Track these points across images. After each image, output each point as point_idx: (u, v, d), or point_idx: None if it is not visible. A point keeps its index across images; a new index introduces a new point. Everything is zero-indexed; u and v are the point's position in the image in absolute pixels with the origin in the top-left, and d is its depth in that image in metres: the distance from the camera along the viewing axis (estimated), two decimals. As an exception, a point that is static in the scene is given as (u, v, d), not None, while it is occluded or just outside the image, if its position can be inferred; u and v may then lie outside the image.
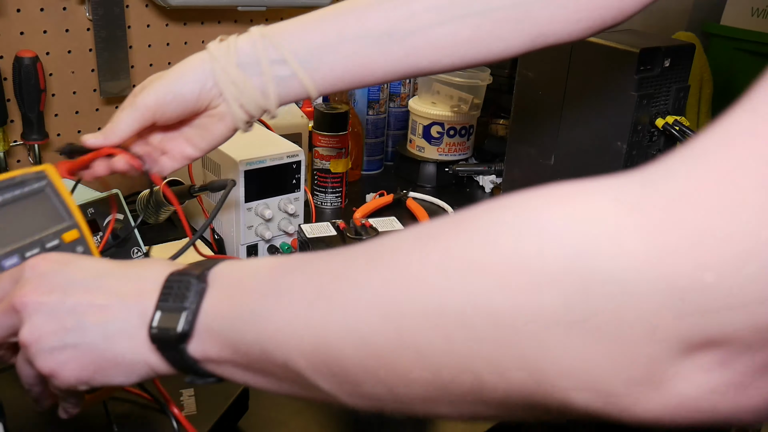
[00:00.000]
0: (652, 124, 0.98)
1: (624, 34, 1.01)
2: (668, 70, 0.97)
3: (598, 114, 1.01)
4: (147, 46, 1.14)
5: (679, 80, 0.99)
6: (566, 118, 1.05)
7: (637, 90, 0.95)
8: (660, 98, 0.98)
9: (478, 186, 1.35)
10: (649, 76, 0.96)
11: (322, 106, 1.14)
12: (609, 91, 0.99)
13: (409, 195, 1.23)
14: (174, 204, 0.73)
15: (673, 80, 0.98)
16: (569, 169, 1.06)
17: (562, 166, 1.07)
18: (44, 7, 1.01)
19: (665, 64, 0.96)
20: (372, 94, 1.32)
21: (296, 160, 0.95)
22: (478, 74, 1.30)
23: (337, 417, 0.70)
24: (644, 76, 0.95)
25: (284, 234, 0.97)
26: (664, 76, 0.97)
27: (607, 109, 0.99)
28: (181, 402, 0.62)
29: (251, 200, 0.92)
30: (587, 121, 1.03)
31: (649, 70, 0.95)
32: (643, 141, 0.99)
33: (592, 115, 1.02)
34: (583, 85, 1.02)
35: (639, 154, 0.99)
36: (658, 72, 0.96)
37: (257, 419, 0.68)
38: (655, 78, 0.96)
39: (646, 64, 0.95)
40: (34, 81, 0.96)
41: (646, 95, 0.96)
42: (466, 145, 1.34)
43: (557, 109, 1.06)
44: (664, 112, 0.98)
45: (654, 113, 0.98)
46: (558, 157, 1.07)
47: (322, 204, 1.19)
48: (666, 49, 0.96)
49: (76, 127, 1.10)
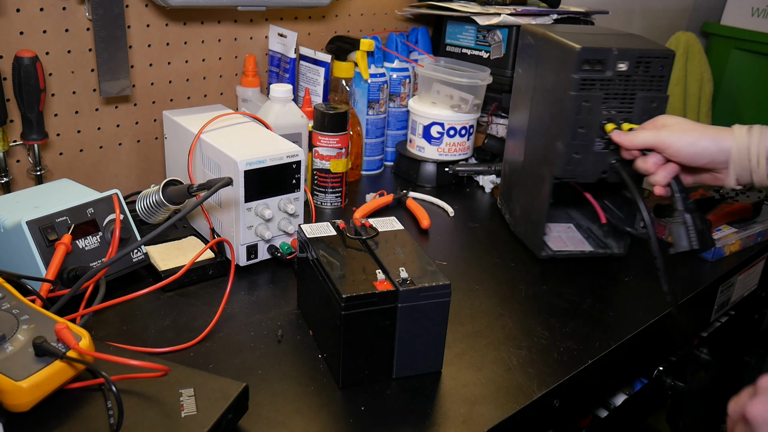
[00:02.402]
0: (603, 129, 0.92)
1: (606, 36, 0.97)
2: (630, 76, 0.91)
3: (549, 112, 0.98)
4: (147, 46, 1.14)
5: (649, 88, 0.92)
6: (532, 116, 1.04)
7: (577, 90, 0.91)
8: (615, 103, 0.92)
9: (478, 186, 1.35)
10: (597, 78, 0.91)
11: (322, 106, 1.14)
12: (557, 89, 0.95)
13: (409, 195, 1.23)
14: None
15: (639, 87, 0.92)
16: (531, 167, 1.05)
17: (529, 164, 1.06)
18: (44, 7, 1.01)
19: (620, 68, 0.91)
20: (372, 94, 1.32)
21: (296, 160, 0.95)
22: (478, 74, 1.30)
23: (337, 417, 0.70)
24: (587, 77, 0.91)
25: (284, 234, 0.97)
26: (623, 81, 0.91)
27: (554, 107, 0.96)
28: (181, 402, 0.62)
29: (251, 200, 0.92)
30: (542, 118, 1.01)
31: (597, 71, 0.90)
32: (591, 145, 0.93)
33: (546, 113, 0.99)
34: (544, 81, 1.00)
35: (585, 159, 0.94)
36: (611, 75, 0.91)
37: (257, 419, 0.68)
38: (607, 81, 0.91)
39: (591, 64, 0.90)
40: (33, 81, 0.96)
41: (592, 97, 0.91)
42: (466, 145, 1.34)
43: (528, 106, 1.05)
44: (626, 119, 0.91)
45: (606, 118, 0.92)
46: (526, 154, 1.07)
47: (322, 204, 1.19)
48: (623, 52, 0.90)
49: (75, 127, 1.10)
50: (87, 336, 0.63)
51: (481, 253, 1.07)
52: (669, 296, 0.82)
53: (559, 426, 0.85)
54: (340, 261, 0.76)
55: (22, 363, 0.60)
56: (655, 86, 0.93)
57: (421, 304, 0.72)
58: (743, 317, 1.32)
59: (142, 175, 1.21)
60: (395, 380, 0.75)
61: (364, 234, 0.82)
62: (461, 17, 1.39)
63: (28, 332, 0.63)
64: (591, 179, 0.96)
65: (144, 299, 0.86)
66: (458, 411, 0.72)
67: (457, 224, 1.18)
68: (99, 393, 0.63)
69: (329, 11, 1.38)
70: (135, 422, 0.59)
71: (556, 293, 0.96)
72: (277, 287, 0.93)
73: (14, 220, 0.80)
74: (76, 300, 0.79)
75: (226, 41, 1.24)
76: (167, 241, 0.98)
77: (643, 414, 1.11)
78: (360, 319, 0.71)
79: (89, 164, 1.14)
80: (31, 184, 1.06)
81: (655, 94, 0.93)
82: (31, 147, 1.03)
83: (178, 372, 0.65)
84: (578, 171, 0.95)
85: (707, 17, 2.34)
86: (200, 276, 0.92)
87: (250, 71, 1.25)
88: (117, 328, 0.81)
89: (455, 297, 0.77)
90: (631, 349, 0.88)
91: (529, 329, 0.87)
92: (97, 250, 0.85)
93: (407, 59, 1.39)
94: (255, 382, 0.72)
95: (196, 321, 0.84)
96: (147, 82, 1.16)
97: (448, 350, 0.79)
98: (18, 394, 0.58)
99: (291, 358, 0.78)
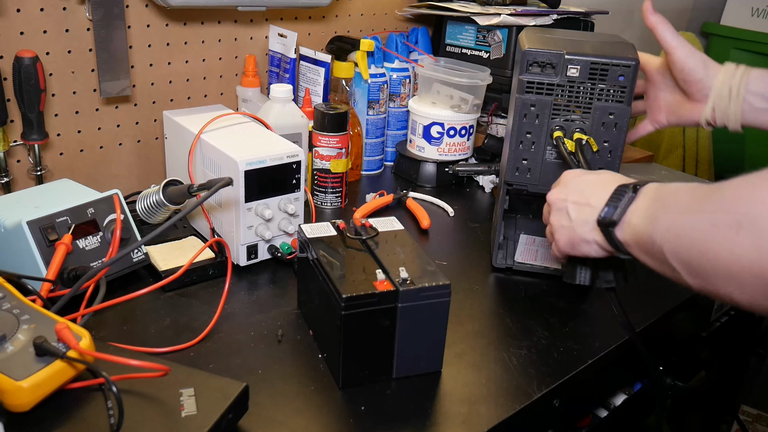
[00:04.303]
0: (551, 135, 0.89)
1: (579, 42, 0.91)
2: (583, 83, 0.87)
3: (511, 114, 0.95)
4: (147, 46, 1.14)
5: (607, 98, 0.87)
6: (509, 120, 0.99)
7: (522, 92, 0.88)
8: (569, 112, 0.88)
9: (478, 186, 1.35)
10: (545, 81, 0.88)
11: (322, 106, 1.14)
12: (515, 92, 0.93)
13: (409, 195, 1.23)
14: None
15: (596, 97, 0.87)
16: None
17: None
18: (44, 7, 1.01)
19: (571, 73, 0.86)
20: (372, 94, 1.32)
21: (296, 160, 0.95)
22: (478, 74, 1.30)
23: (337, 417, 0.70)
24: (534, 79, 0.88)
25: (284, 234, 0.97)
26: (577, 88, 0.87)
27: (512, 110, 0.94)
28: (181, 402, 0.62)
29: (251, 200, 0.92)
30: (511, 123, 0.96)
31: (546, 74, 0.87)
32: (540, 153, 0.90)
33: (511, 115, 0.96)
34: (512, 82, 0.99)
35: (535, 167, 0.91)
36: (560, 80, 0.87)
37: (257, 419, 0.68)
38: (557, 86, 0.87)
39: (540, 67, 0.87)
40: (34, 81, 0.96)
41: (540, 101, 0.88)
42: (466, 145, 1.34)
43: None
44: (581, 129, 0.88)
45: (555, 126, 0.88)
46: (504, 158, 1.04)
47: (322, 204, 1.19)
48: (574, 57, 0.86)
49: (76, 127, 1.10)
50: (87, 336, 0.63)
51: (481, 253, 1.07)
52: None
53: (559, 426, 0.85)
54: (340, 261, 0.76)
55: (22, 363, 0.60)
56: (615, 97, 0.87)
57: (421, 304, 0.72)
58: (743, 317, 1.32)
59: (142, 175, 1.21)
60: (395, 380, 0.75)
61: (364, 234, 0.82)
62: (461, 17, 1.39)
63: (29, 332, 0.63)
64: (542, 189, 0.91)
65: (144, 299, 0.86)
66: (458, 411, 0.72)
67: (457, 224, 1.18)
68: (99, 393, 0.63)
69: (329, 11, 1.38)
70: (135, 422, 0.59)
71: (556, 293, 0.96)
72: (277, 287, 0.93)
73: (14, 220, 0.80)
74: (76, 300, 0.79)
75: (226, 41, 1.24)
76: (167, 241, 0.98)
77: (643, 414, 1.11)
78: (360, 319, 0.71)
79: (89, 164, 1.14)
80: (31, 184, 1.06)
81: (615, 105, 0.87)
82: (31, 147, 1.03)
83: (178, 372, 0.65)
84: (528, 179, 0.93)
85: (707, 17, 2.34)
86: (200, 276, 0.92)
87: (250, 71, 1.25)
88: (117, 328, 0.81)
89: (455, 297, 0.77)
90: (631, 349, 0.88)
91: (529, 329, 0.87)
92: (98, 250, 0.85)
93: (407, 59, 1.39)
94: (255, 382, 0.72)
95: (196, 321, 0.84)
96: (147, 82, 1.16)
97: (448, 350, 0.79)
98: (18, 394, 0.58)
99: (291, 358, 0.78)
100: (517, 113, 0.90)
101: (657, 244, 0.61)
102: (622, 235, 0.67)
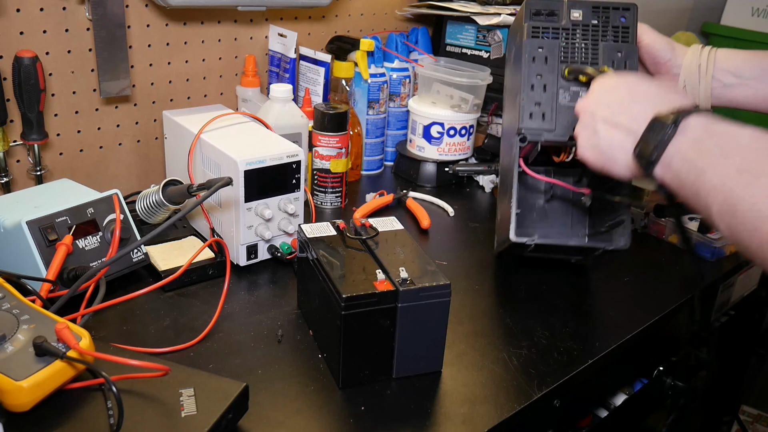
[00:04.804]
0: (562, 76, 0.91)
1: None
2: (588, 26, 0.92)
3: (519, 71, 0.95)
4: (147, 46, 1.14)
5: (614, 39, 0.92)
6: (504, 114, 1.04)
7: (529, 36, 0.92)
8: (576, 52, 0.92)
9: (478, 186, 1.35)
10: (550, 26, 0.92)
11: (322, 106, 1.14)
12: (518, 60, 0.96)
13: (409, 195, 1.23)
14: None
15: (602, 38, 0.92)
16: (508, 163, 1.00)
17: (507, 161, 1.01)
18: (44, 7, 1.01)
19: (574, 17, 0.92)
20: (372, 94, 1.32)
21: (296, 160, 0.95)
22: (478, 74, 1.30)
23: (337, 417, 0.70)
24: (539, 24, 0.92)
25: (284, 234, 0.97)
26: (582, 31, 0.92)
27: (520, 62, 0.95)
28: (181, 402, 0.62)
29: (251, 200, 0.92)
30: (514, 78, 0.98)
31: (550, 20, 0.92)
32: (554, 96, 0.91)
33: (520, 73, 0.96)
34: (513, 66, 0.99)
35: (550, 112, 0.91)
36: (564, 23, 0.92)
37: (257, 419, 0.68)
38: (562, 29, 0.92)
39: (543, 14, 0.92)
40: (33, 81, 0.96)
41: (547, 44, 0.92)
42: (466, 145, 1.34)
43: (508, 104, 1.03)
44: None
45: (565, 68, 0.92)
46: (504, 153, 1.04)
47: (322, 204, 1.19)
48: (575, 2, 0.93)
49: (75, 126, 1.10)
50: (87, 336, 0.63)
51: (481, 253, 1.07)
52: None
53: (559, 426, 0.85)
54: (340, 261, 0.76)
55: (22, 363, 0.60)
56: (620, 37, 0.93)
57: (421, 303, 0.72)
58: (743, 317, 1.32)
59: (142, 175, 1.21)
60: (395, 380, 0.75)
61: (364, 234, 0.82)
62: (461, 17, 1.39)
63: (29, 332, 0.63)
64: (561, 137, 0.91)
65: (144, 299, 0.86)
66: (458, 411, 0.72)
67: (457, 224, 1.18)
68: (99, 393, 0.63)
69: (329, 11, 1.38)
70: (135, 422, 0.59)
71: (556, 293, 0.96)
72: (277, 287, 0.93)
73: (14, 220, 0.80)
74: (76, 300, 0.79)
75: (226, 41, 1.24)
76: (167, 241, 0.98)
77: (643, 414, 1.11)
78: (360, 319, 0.71)
79: (89, 164, 1.14)
80: (31, 184, 1.06)
81: (621, 45, 0.93)
82: (31, 147, 1.03)
83: (178, 372, 0.65)
84: (543, 125, 0.91)
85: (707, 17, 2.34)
86: (200, 276, 0.92)
87: (250, 71, 1.25)
88: (117, 328, 0.81)
89: (455, 297, 0.77)
90: (631, 349, 0.88)
91: (529, 329, 0.87)
92: (97, 250, 0.85)
93: (407, 59, 1.39)
94: (255, 382, 0.72)
95: (196, 321, 0.84)
96: (147, 82, 1.16)
97: (448, 350, 0.79)
98: (18, 394, 0.58)
99: (291, 358, 0.78)
100: (526, 58, 0.92)
101: (703, 201, 0.55)
102: (661, 175, 0.62)
